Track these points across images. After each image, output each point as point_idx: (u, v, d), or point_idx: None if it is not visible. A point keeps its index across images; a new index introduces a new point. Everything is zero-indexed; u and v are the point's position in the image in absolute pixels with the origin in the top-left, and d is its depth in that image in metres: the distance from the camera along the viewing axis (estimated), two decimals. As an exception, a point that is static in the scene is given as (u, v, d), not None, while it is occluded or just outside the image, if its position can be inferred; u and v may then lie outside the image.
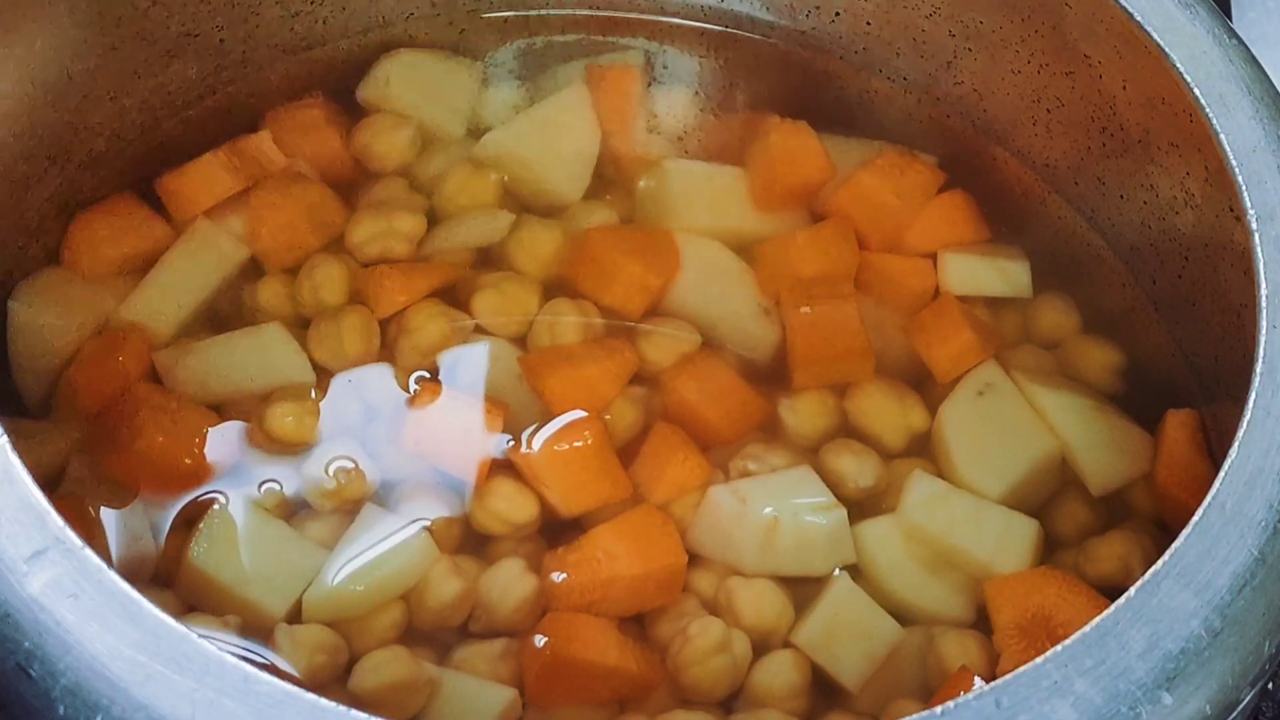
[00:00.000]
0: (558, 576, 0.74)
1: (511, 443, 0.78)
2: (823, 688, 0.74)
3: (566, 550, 0.75)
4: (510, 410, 0.80)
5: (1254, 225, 0.71)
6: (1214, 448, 0.79)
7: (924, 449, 0.82)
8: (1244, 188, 0.72)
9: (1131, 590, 0.60)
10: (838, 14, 0.94)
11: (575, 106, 0.92)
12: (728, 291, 0.86)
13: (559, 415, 0.79)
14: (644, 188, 0.90)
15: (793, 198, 0.90)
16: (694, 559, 0.76)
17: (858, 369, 0.83)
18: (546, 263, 0.86)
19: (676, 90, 0.96)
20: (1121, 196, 0.86)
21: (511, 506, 0.76)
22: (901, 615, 0.76)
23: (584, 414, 0.79)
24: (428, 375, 0.81)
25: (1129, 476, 0.81)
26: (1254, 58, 0.78)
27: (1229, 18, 1.00)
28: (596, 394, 0.80)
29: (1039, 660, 0.58)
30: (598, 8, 0.97)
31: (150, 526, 0.75)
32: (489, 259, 0.87)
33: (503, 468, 0.78)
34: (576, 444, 0.77)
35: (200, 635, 0.56)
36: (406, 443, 0.78)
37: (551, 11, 0.97)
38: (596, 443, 0.78)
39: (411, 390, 0.80)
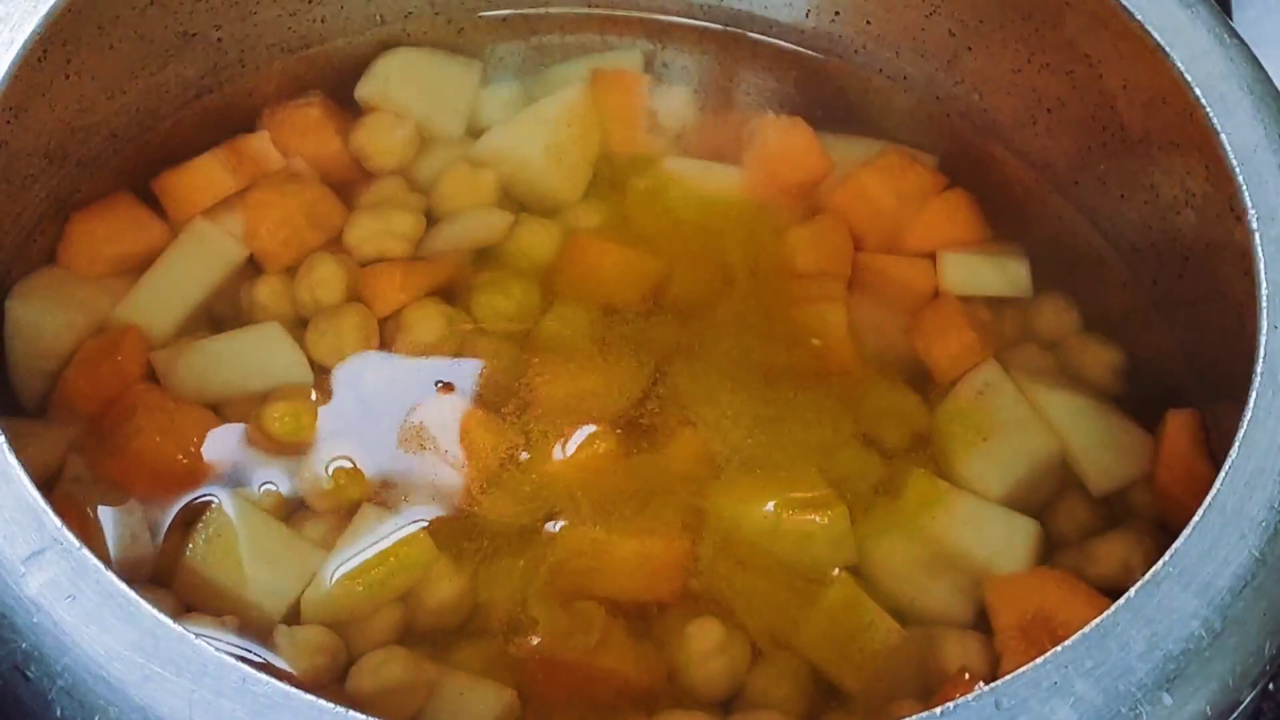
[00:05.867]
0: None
1: (526, 456, 0.78)
2: (823, 688, 0.74)
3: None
4: (510, 412, 0.80)
5: (1254, 225, 0.71)
6: (1214, 448, 0.79)
7: (924, 449, 0.81)
8: (1244, 187, 0.72)
9: (1132, 591, 0.60)
10: (838, 13, 0.94)
11: (574, 106, 0.92)
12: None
13: (563, 424, 0.79)
14: (642, 187, 0.90)
15: (790, 195, 0.90)
16: (695, 559, 0.76)
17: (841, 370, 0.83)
18: (544, 262, 0.86)
19: (676, 89, 0.96)
20: (1122, 196, 0.86)
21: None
22: (901, 615, 0.75)
23: (594, 429, 0.79)
24: (440, 386, 0.81)
25: (1129, 477, 0.81)
26: (1254, 57, 0.78)
27: (1229, 17, 1.00)
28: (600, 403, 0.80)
29: (1039, 661, 0.58)
30: (597, 6, 0.97)
31: (148, 527, 0.75)
32: (487, 258, 0.87)
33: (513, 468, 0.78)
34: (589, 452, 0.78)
35: (198, 636, 0.56)
36: (404, 450, 0.78)
37: (551, 10, 0.97)
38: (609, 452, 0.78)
39: (414, 397, 0.80)
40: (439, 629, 0.74)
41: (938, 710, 0.56)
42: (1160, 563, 0.61)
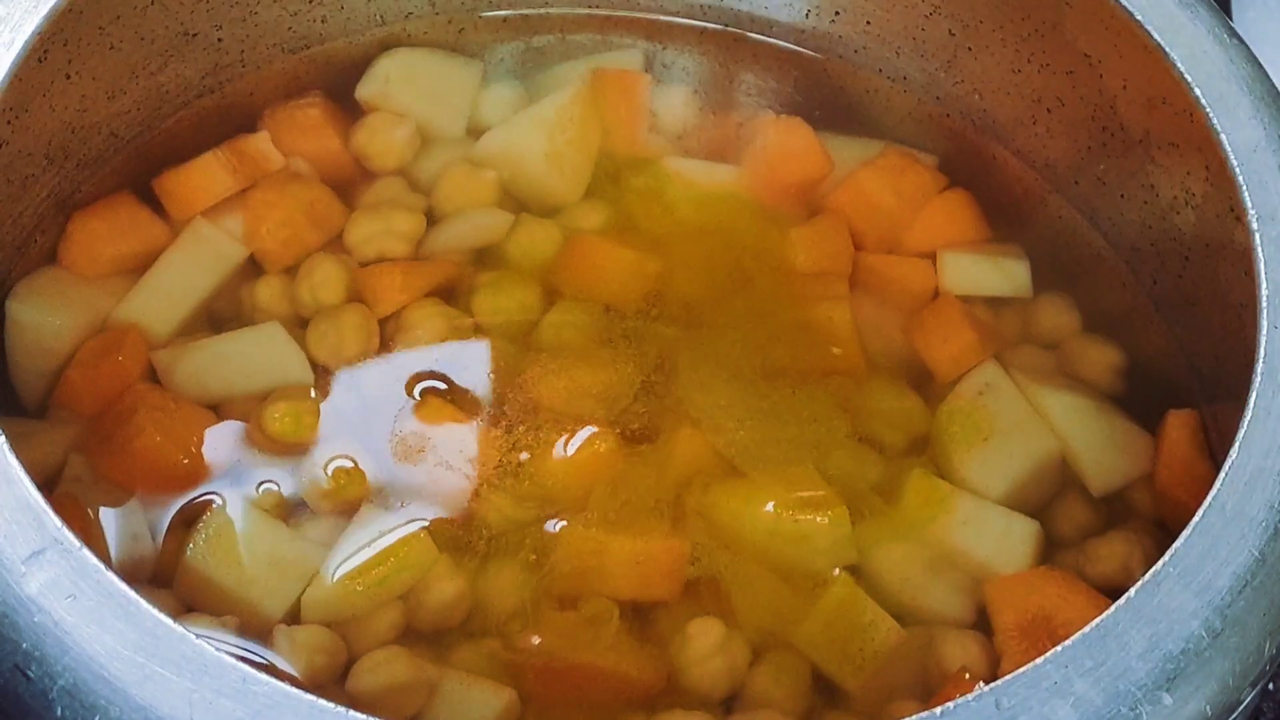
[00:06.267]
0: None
1: (527, 456, 0.78)
2: (823, 688, 0.74)
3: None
4: (510, 412, 0.80)
5: (1254, 225, 0.71)
6: (1214, 448, 0.79)
7: (924, 449, 0.81)
8: (1244, 188, 0.72)
9: (1132, 591, 0.60)
10: (838, 13, 0.94)
11: (575, 106, 0.92)
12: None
13: (563, 424, 0.79)
14: (643, 187, 0.90)
15: (791, 195, 0.90)
16: (695, 558, 0.76)
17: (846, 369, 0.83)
18: (544, 262, 0.86)
19: (676, 89, 0.96)
20: (1122, 196, 0.86)
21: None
22: (901, 615, 0.75)
23: (594, 429, 0.79)
24: (441, 386, 0.81)
25: (1129, 477, 0.81)
26: (1254, 57, 0.78)
27: (1229, 17, 1.00)
28: (600, 403, 0.80)
29: (1039, 661, 0.58)
30: (597, 7, 0.97)
31: (148, 527, 0.75)
32: (487, 258, 0.87)
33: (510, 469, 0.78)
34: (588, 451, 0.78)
35: (198, 636, 0.56)
36: (404, 450, 0.78)
37: (551, 10, 0.97)
38: (609, 452, 0.78)
39: (415, 397, 0.80)
40: (439, 629, 0.74)
41: (938, 710, 0.56)
42: (1160, 563, 0.61)
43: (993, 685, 0.57)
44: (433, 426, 0.79)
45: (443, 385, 0.81)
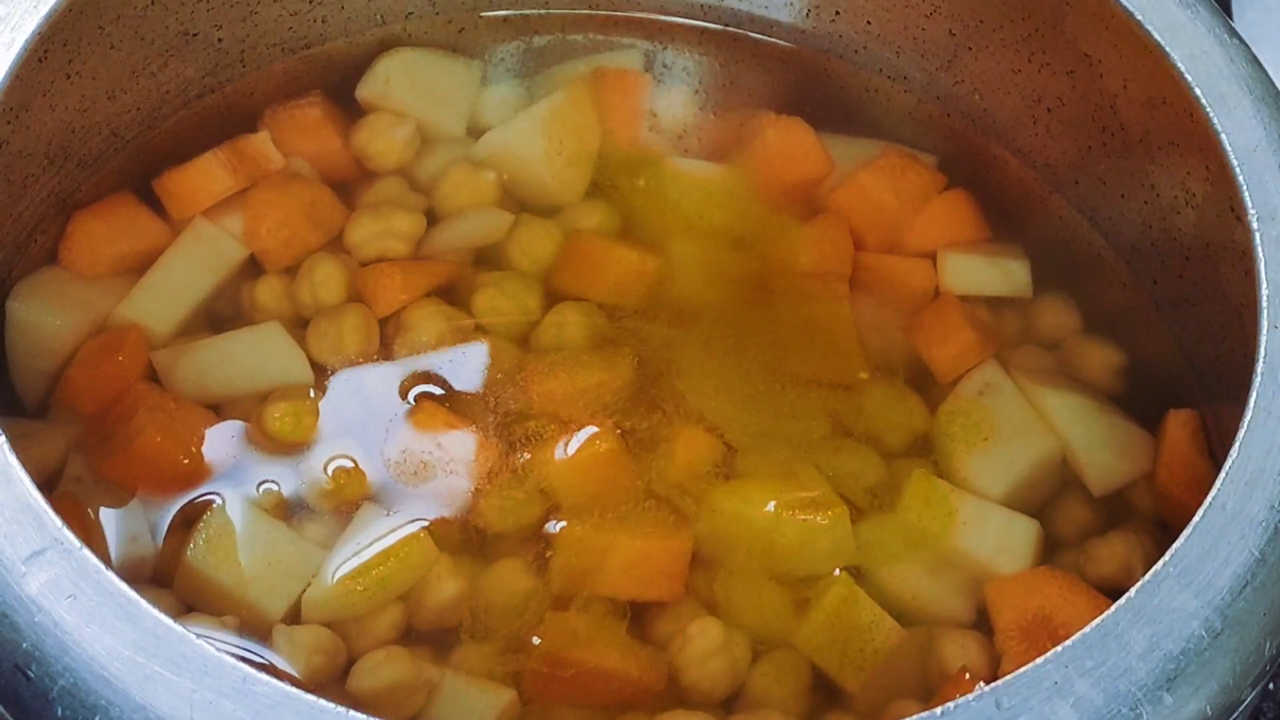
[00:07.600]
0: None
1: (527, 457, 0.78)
2: (823, 688, 0.74)
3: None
4: (511, 412, 0.80)
5: (1255, 225, 0.71)
6: (1215, 448, 0.79)
7: (924, 449, 0.81)
8: (1245, 187, 0.72)
9: (1132, 591, 0.60)
10: (838, 13, 0.94)
11: (575, 105, 0.92)
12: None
13: (564, 424, 0.79)
14: (643, 187, 0.90)
15: (791, 194, 0.90)
16: (695, 559, 0.76)
17: (848, 369, 0.83)
18: (545, 262, 0.86)
19: (676, 89, 0.96)
20: (1122, 196, 0.86)
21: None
22: (901, 615, 0.75)
23: (595, 429, 0.79)
24: (436, 390, 0.81)
25: (1130, 476, 0.81)
26: (1255, 57, 0.78)
27: (1229, 17, 1.00)
28: (601, 402, 0.80)
29: (1039, 661, 0.58)
30: (597, 7, 0.97)
31: (149, 527, 0.75)
32: (488, 258, 0.87)
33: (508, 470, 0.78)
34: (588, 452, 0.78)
35: (199, 636, 0.56)
36: (408, 444, 0.78)
37: (551, 10, 0.97)
38: (610, 452, 0.78)
39: (410, 401, 0.80)
40: (439, 629, 0.74)
41: (938, 710, 0.56)
42: (1160, 563, 0.61)
43: (993, 685, 0.57)
44: (433, 426, 0.79)
45: (442, 386, 0.81)
